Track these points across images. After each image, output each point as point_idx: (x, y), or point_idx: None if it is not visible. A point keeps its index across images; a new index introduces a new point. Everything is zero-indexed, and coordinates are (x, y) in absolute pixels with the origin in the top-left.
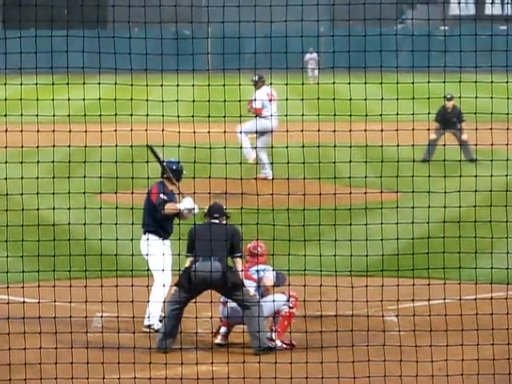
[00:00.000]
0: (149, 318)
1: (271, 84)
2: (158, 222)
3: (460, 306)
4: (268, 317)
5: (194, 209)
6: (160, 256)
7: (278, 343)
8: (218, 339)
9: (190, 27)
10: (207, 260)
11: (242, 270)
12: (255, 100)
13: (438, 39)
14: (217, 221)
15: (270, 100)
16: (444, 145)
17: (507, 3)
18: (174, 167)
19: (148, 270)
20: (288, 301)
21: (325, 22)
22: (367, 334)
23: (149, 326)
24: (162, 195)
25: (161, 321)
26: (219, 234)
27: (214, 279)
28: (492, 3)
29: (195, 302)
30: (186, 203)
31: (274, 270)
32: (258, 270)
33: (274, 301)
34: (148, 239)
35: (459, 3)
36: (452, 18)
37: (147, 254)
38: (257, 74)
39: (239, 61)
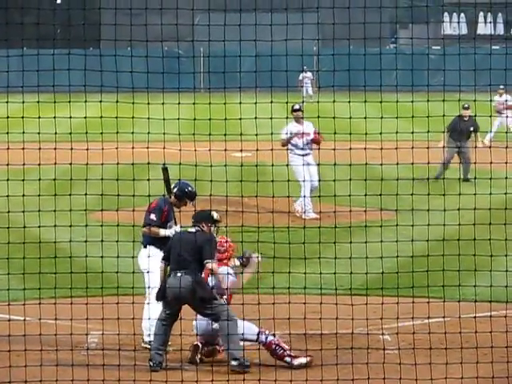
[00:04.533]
0: (149, 335)
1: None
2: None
3: (459, 324)
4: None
5: None
6: (158, 273)
7: (302, 360)
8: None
9: (188, 47)
10: (176, 274)
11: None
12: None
13: (427, 58)
14: (193, 229)
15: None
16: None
17: (500, 22)
18: (187, 190)
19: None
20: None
21: (320, 42)
22: (367, 352)
23: (149, 342)
24: (153, 215)
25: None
26: (190, 244)
27: (184, 294)
28: (484, 23)
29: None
30: (170, 231)
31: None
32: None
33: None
34: (149, 255)
35: (450, 22)
36: (442, 38)
37: (147, 271)
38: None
39: (225, 79)
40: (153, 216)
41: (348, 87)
